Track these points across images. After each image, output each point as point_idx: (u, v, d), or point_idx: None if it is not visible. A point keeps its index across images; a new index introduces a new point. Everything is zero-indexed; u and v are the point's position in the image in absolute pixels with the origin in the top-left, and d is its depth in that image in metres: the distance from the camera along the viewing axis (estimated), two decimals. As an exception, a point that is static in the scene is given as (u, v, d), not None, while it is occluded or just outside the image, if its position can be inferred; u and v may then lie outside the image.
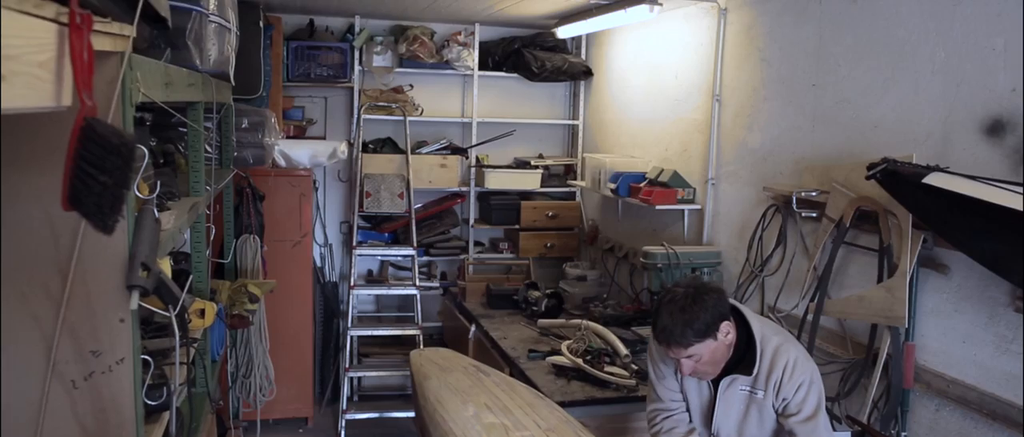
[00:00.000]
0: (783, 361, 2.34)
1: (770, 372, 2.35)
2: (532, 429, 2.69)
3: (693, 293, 2.27)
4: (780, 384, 2.35)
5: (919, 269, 2.75)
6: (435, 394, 2.98)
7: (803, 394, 2.36)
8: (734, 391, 2.43)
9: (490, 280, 5.22)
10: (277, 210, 4.85)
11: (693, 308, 2.23)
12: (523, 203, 5.60)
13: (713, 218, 4.11)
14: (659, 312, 2.30)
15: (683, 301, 2.25)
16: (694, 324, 2.23)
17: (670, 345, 2.29)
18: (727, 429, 2.49)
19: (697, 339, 2.25)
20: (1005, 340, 2.49)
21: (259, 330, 3.76)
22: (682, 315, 2.23)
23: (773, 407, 2.41)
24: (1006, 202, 2.02)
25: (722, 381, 2.44)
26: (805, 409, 2.36)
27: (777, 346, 2.38)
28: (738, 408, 2.44)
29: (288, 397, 5.04)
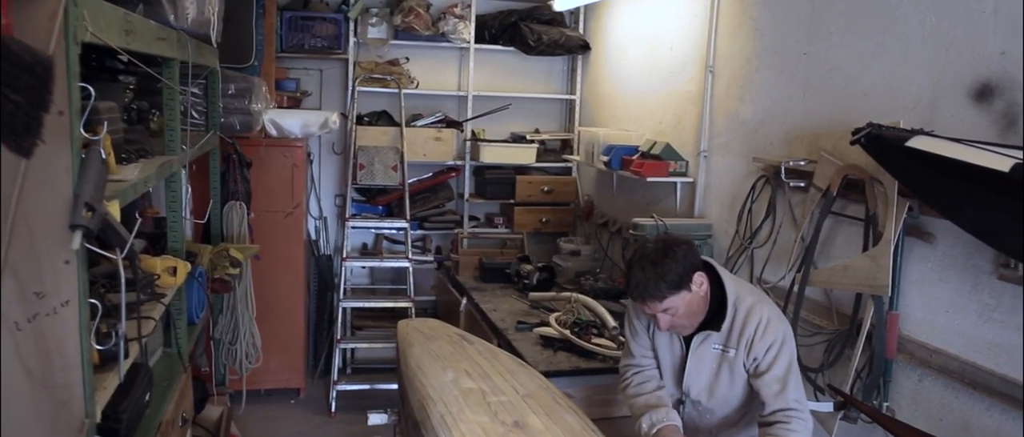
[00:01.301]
0: (756, 319, 2.33)
1: (742, 329, 2.34)
2: (509, 394, 2.67)
3: (662, 247, 2.26)
4: (752, 342, 2.33)
5: (904, 238, 2.71)
6: (416, 360, 2.97)
7: (774, 353, 2.33)
8: (706, 349, 2.42)
9: (483, 254, 5.20)
10: (269, 180, 4.82)
11: (664, 261, 2.22)
12: (518, 177, 5.56)
13: (705, 191, 4.07)
14: (631, 269, 2.29)
15: (653, 255, 2.24)
16: (667, 277, 2.21)
17: (645, 300, 2.27)
18: (698, 387, 2.47)
19: (671, 291, 2.24)
20: (988, 308, 2.44)
21: (245, 297, 3.75)
22: (654, 269, 2.22)
23: (744, 367, 2.38)
24: (989, 164, 1.97)
25: (694, 337, 2.42)
26: (775, 369, 2.33)
27: (751, 305, 2.36)
28: (710, 366, 2.42)
29: (280, 368, 5.05)
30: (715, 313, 2.39)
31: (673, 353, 2.51)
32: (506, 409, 2.53)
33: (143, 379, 2.12)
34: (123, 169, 1.95)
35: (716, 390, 2.43)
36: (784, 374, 2.33)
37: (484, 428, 2.39)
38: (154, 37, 2.10)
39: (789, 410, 2.32)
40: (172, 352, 2.59)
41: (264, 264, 4.80)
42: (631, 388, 2.58)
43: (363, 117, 5.46)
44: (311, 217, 5.64)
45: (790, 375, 2.34)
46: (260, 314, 4.67)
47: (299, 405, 5.09)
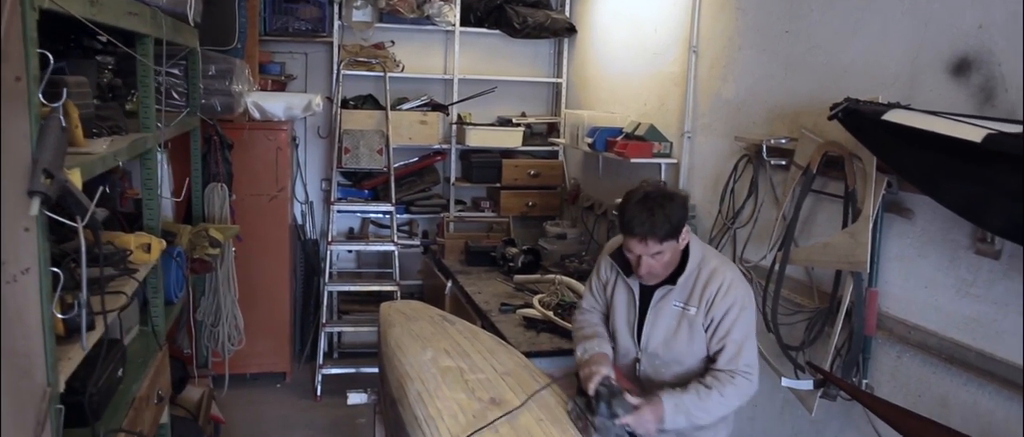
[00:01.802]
0: (719, 280, 2.38)
1: (704, 289, 2.39)
2: (488, 372, 2.66)
3: (664, 193, 2.32)
4: (712, 302, 2.38)
5: (884, 214, 2.70)
6: (396, 340, 2.96)
7: (733, 317, 2.38)
8: (666, 305, 2.46)
9: (469, 238, 5.19)
10: (253, 164, 4.80)
11: (668, 205, 2.27)
12: (504, 161, 5.55)
13: (689, 172, 4.06)
14: (632, 205, 2.30)
15: (659, 198, 2.28)
16: (672, 219, 2.28)
17: (645, 238, 2.28)
18: (655, 342, 2.50)
19: (669, 236, 2.29)
20: (965, 283, 2.44)
21: (227, 279, 3.73)
22: (661, 210, 2.25)
23: (703, 326, 2.42)
24: (961, 134, 1.96)
25: (655, 294, 2.47)
26: (734, 333, 2.38)
27: (715, 267, 2.42)
28: (668, 323, 2.46)
29: (265, 352, 5.04)
30: (678, 271, 2.44)
31: (630, 311, 2.55)
32: (483, 386, 2.53)
33: (115, 354, 2.10)
34: (92, 142, 1.93)
35: (674, 345, 2.46)
36: (740, 339, 2.38)
37: (460, 404, 2.39)
38: (124, 11, 2.07)
39: (738, 372, 2.38)
40: (149, 330, 2.57)
41: (249, 248, 4.79)
42: (576, 324, 2.74)
43: (348, 101, 5.43)
44: (297, 201, 5.62)
45: (747, 341, 2.40)
46: (245, 298, 4.66)
47: (285, 389, 5.08)
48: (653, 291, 2.49)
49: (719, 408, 2.37)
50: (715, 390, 2.35)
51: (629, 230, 2.32)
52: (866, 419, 2.81)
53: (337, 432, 4.47)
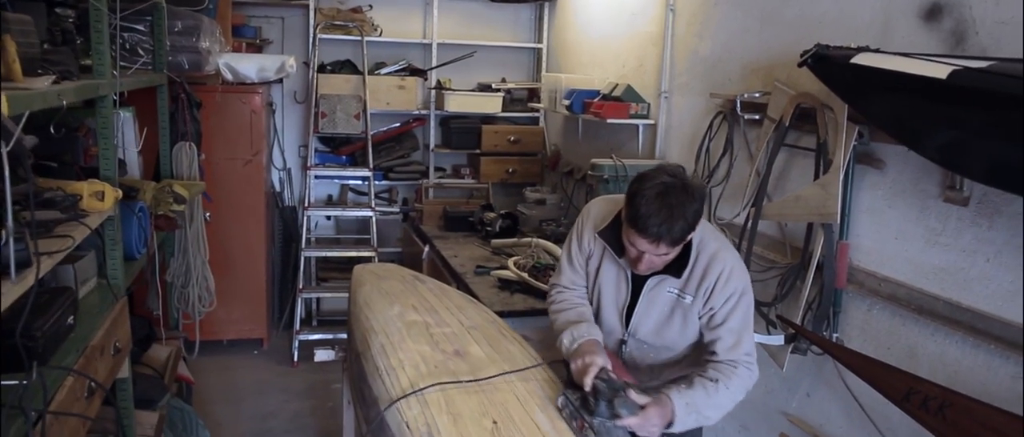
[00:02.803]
0: (718, 268, 2.15)
1: (703, 277, 2.16)
2: (454, 326, 2.63)
3: (684, 186, 1.99)
4: (711, 292, 2.16)
5: (855, 166, 2.67)
6: (365, 298, 2.92)
7: (731, 306, 2.17)
8: (660, 292, 2.24)
9: (448, 204, 5.14)
10: (227, 127, 4.73)
11: (688, 204, 1.98)
12: (484, 127, 5.49)
13: (666, 132, 4.02)
14: (643, 199, 1.97)
15: (679, 194, 1.97)
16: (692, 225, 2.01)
17: (659, 240, 2.00)
18: (646, 329, 2.30)
19: (685, 237, 2.05)
20: (934, 233, 2.41)
21: (197, 240, 3.66)
22: (681, 209, 1.96)
23: (698, 314, 2.22)
24: (927, 72, 1.92)
25: (649, 280, 2.23)
26: (731, 322, 2.17)
27: (714, 252, 2.17)
28: (661, 310, 2.25)
29: (241, 318, 5.00)
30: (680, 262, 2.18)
31: (619, 292, 2.32)
32: (448, 339, 2.49)
33: (65, 302, 2.05)
34: (32, 80, 1.87)
35: (665, 333, 2.27)
36: (739, 328, 2.17)
37: (423, 355, 2.35)
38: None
39: (739, 362, 2.17)
40: (106, 283, 2.52)
41: (224, 213, 4.73)
42: (555, 305, 2.43)
43: (326, 66, 5.35)
44: (275, 168, 5.56)
45: (745, 329, 2.19)
46: (220, 264, 4.61)
47: (261, 356, 5.04)
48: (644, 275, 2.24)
49: (727, 402, 2.14)
50: (722, 383, 2.11)
51: (641, 228, 1.99)
52: (837, 374, 2.79)
53: (312, 396, 4.44)
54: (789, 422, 3.09)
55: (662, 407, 2.03)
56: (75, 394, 1.97)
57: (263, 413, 4.22)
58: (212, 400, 4.29)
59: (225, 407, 4.25)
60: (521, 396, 2.14)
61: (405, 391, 2.12)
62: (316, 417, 4.20)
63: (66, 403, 1.89)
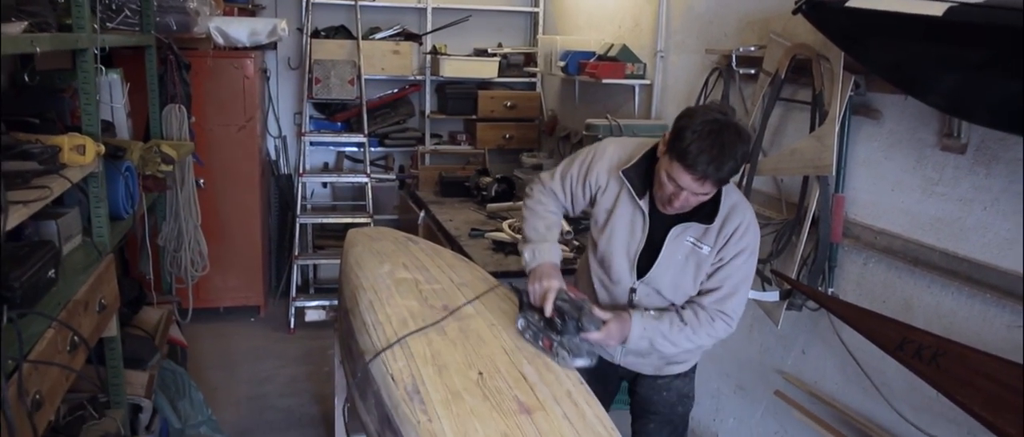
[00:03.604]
0: (737, 220, 2.09)
1: (722, 227, 2.09)
2: (444, 283, 2.60)
3: (733, 123, 1.89)
4: (727, 242, 2.09)
5: (851, 117, 2.62)
6: (356, 257, 2.89)
7: (741, 261, 2.11)
8: (681, 241, 2.13)
9: (444, 170, 5.10)
10: (220, 93, 4.69)
11: (739, 143, 1.88)
12: (480, 93, 5.43)
13: (662, 92, 3.96)
14: (692, 132, 1.87)
15: (731, 131, 1.87)
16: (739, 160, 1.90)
17: (706, 178, 1.90)
18: (664, 280, 2.18)
19: (730, 178, 1.96)
20: (931, 182, 2.37)
21: (189, 203, 3.63)
22: (732, 148, 1.87)
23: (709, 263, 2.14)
24: (922, 11, 1.86)
25: (674, 228, 2.12)
26: (735, 276, 2.12)
27: (735, 203, 2.11)
28: (679, 260, 2.15)
29: (238, 285, 4.99)
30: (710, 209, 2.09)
31: (634, 237, 2.19)
32: (437, 295, 2.46)
33: (46, 254, 2.02)
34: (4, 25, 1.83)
35: (681, 284, 2.18)
36: (737, 283, 2.12)
37: (411, 310, 2.32)
38: None
39: (723, 314, 2.13)
40: (91, 241, 2.49)
41: (219, 180, 4.71)
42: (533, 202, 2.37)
43: (320, 31, 5.29)
44: (270, 136, 5.51)
45: (742, 286, 2.13)
46: (215, 231, 4.59)
47: (258, 323, 5.03)
48: (666, 221, 2.13)
49: (685, 343, 2.13)
50: (689, 327, 2.10)
51: (690, 163, 1.88)
52: (832, 330, 2.76)
53: (308, 361, 4.43)
54: (785, 380, 3.07)
55: (622, 323, 2.10)
56: (57, 346, 1.94)
57: (259, 378, 4.22)
58: (208, 366, 4.29)
59: (221, 372, 4.24)
60: (508, 348, 2.11)
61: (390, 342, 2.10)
62: (311, 382, 4.19)
63: (47, 355, 1.87)
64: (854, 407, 2.74)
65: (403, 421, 1.81)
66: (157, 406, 3.03)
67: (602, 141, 2.34)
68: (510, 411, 1.81)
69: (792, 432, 3.08)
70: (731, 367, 3.46)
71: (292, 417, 3.82)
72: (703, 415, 3.72)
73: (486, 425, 1.75)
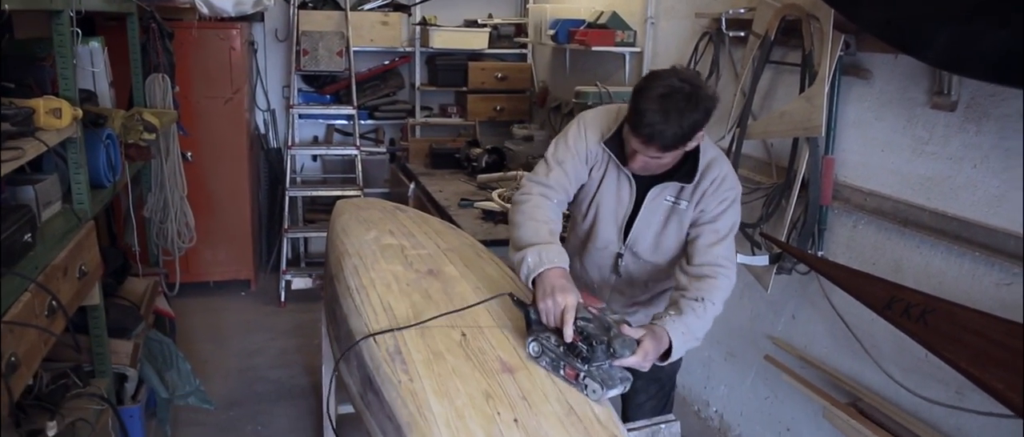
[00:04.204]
0: (715, 173, 2.09)
1: (699, 182, 2.10)
2: (430, 248, 2.57)
3: (691, 92, 1.89)
4: (705, 195, 2.10)
5: (841, 78, 2.59)
6: (343, 226, 2.86)
7: (723, 209, 2.10)
8: (659, 201, 2.16)
9: (434, 141, 5.06)
10: (206, 65, 4.64)
11: (688, 111, 1.88)
12: (471, 64, 5.38)
13: (652, 59, 3.92)
14: (649, 102, 1.89)
15: (682, 101, 1.87)
16: (686, 130, 1.91)
17: (650, 143, 1.94)
18: (645, 240, 2.22)
19: (679, 144, 1.96)
20: (921, 141, 2.34)
21: (174, 174, 3.59)
22: (677, 117, 1.87)
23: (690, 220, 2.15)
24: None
25: (652, 188, 2.15)
26: (719, 224, 2.10)
27: (712, 158, 2.11)
28: (659, 218, 2.18)
29: (227, 259, 4.96)
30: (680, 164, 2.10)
31: (621, 203, 2.21)
32: (423, 260, 2.44)
33: (21, 218, 1.99)
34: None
35: (662, 243, 2.20)
36: (725, 231, 2.09)
37: (396, 275, 2.30)
38: None
39: (718, 265, 2.06)
40: (70, 208, 2.46)
41: (207, 153, 4.67)
42: (528, 205, 2.14)
43: (307, 2, 5.22)
44: (259, 110, 5.46)
45: (729, 235, 2.11)
46: (204, 204, 4.56)
47: (249, 297, 5.01)
48: (648, 184, 2.16)
49: (715, 315, 2.03)
50: (707, 301, 2.00)
51: (635, 126, 1.94)
52: (822, 294, 2.75)
53: (299, 334, 4.41)
54: (775, 345, 3.06)
55: (658, 340, 1.88)
56: (34, 310, 1.91)
57: (249, 350, 4.20)
58: (198, 339, 4.27)
59: (211, 345, 4.22)
60: (493, 311, 2.09)
61: (375, 307, 2.07)
62: (302, 354, 4.18)
63: (23, 318, 1.84)
64: (843, 370, 2.73)
65: (384, 381, 1.78)
66: (144, 376, 3.01)
67: (581, 114, 2.30)
68: (493, 370, 1.79)
69: (783, 397, 3.07)
70: (721, 334, 3.45)
71: (282, 388, 3.80)
72: (694, 383, 3.72)
73: (468, 384, 1.73)
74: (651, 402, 2.47)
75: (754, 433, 3.26)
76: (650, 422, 2.00)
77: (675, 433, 2.01)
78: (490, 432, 1.59)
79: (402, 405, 1.68)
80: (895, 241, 2.47)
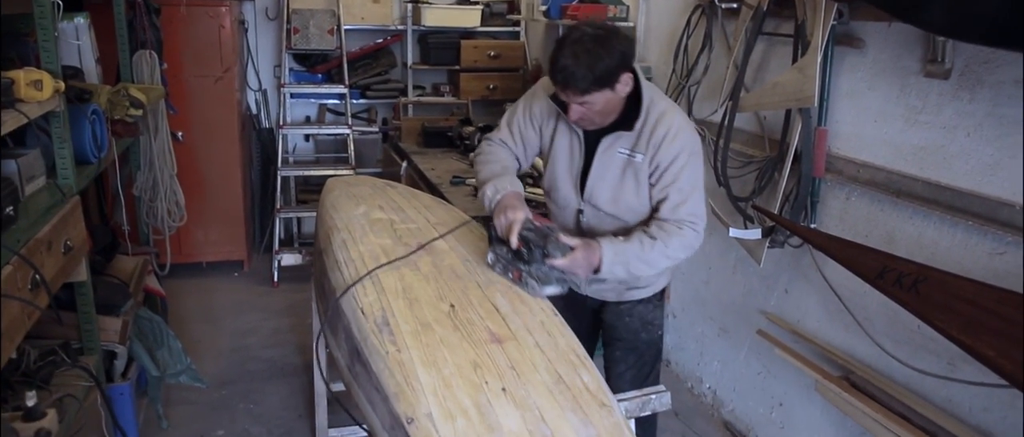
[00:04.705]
0: (666, 125, 2.11)
1: (651, 134, 2.13)
2: (420, 223, 2.55)
3: (602, 35, 2.00)
4: (659, 147, 2.12)
5: (834, 48, 2.56)
6: (333, 201, 2.84)
7: (680, 165, 2.13)
8: (612, 154, 2.21)
9: (426, 120, 5.02)
10: (196, 44, 4.60)
11: (599, 51, 1.98)
12: (463, 42, 5.32)
13: (645, 34, 3.88)
14: (561, 49, 2.01)
15: (590, 43, 1.98)
16: (596, 69, 1.98)
17: (567, 87, 2.04)
18: (602, 193, 2.26)
19: (596, 87, 2.01)
20: (914, 111, 2.32)
21: (163, 152, 3.56)
22: (587, 58, 1.97)
23: (648, 174, 2.18)
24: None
25: (602, 140, 2.21)
26: (680, 181, 2.13)
27: (664, 110, 2.15)
28: (614, 172, 2.22)
29: (220, 240, 4.94)
30: (626, 115, 2.17)
31: (573, 158, 2.29)
32: (412, 234, 2.41)
33: (3, 191, 1.97)
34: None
35: (620, 197, 2.23)
36: (688, 188, 2.14)
37: (384, 248, 2.27)
38: None
39: (684, 221, 2.13)
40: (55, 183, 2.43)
41: (198, 133, 4.64)
42: (482, 156, 2.42)
43: (298, -20, 5.17)
44: (250, 90, 5.42)
45: (694, 191, 2.15)
46: (196, 184, 4.54)
47: (242, 277, 5.00)
48: (599, 138, 2.22)
49: (661, 260, 2.13)
50: (660, 241, 2.10)
51: (552, 75, 2.08)
52: (814, 267, 2.73)
53: (291, 314, 4.40)
54: (768, 320, 3.05)
55: (590, 250, 2.07)
56: (16, 283, 1.89)
57: (242, 330, 4.19)
58: (190, 319, 4.25)
59: (204, 325, 4.21)
60: (482, 282, 2.07)
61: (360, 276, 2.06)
62: (295, 333, 4.16)
63: (5, 290, 1.81)
64: (836, 343, 2.72)
65: (372, 353, 1.77)
66: (134, 354, 2.99)
67: (540, 80, 2.39)
68: (481, 340, 1.78)
69: (776, 372, 3.07)
70: (715, 310, 3.44)
71: (275, 367, 3.79)
72: (687, 360, 3.72)
73: (456, 354, 1.71)
74: (630, 372, 2.50)
75: (747, 409, 3.26)
76: (641, 393, 2.00)
77: (665, 403, 2.01)
78: (478, 401, 1.58)
79: (389, 376, 1.67)
80: (888, 212, 2.45)
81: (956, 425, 2.23)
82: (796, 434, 2.97)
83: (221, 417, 3.34)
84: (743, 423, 3.29)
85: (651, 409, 2.01)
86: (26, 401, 2.02)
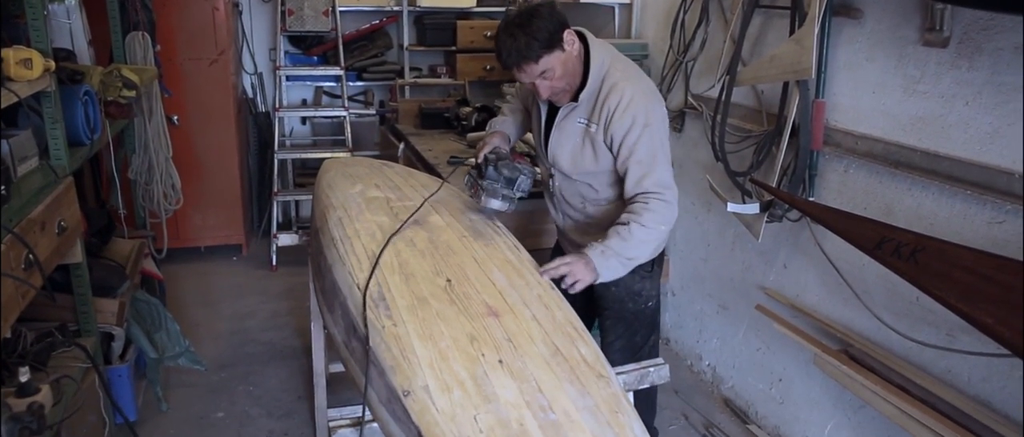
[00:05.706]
0: (617, 96, 2.20)
1: (603, 103, 2.22)
2: (416, 201, 2.53)
3: (527, 10, 2.14)
4: (610, 119, 2.21)
5: (832, 20, 2.53)
6: (329, 181, 2.83)
7: (635, 136, 2.19)
8: (571, 122, 2.33)
9: (424, 102, 5.00)
10: (190, 27, 4.57)
11: (532, 21, 2.11)
12: (459, 23, 5.29)
13: (642, 11, 3.85)
14: (500, 37, 2.17)
15: (519, 19, 2.13)
16: (538, 36, 2.11)
17: (521, 64, 2.16)
18: (563, 160, 2.39)
19: (544, 50, 2.12)
20: (912, 80, 2.30)
21: (158, 135, 3.54)
22: (523, 31, 2.10)
23: (606, 145, 2.26)
24: None
25: (561, 111, 2.35)
26: (638, 152, 2.20)
27: (617, 80, 2.23)
28: (573, 140, 2.33)
29: (218, 224, 4.93)
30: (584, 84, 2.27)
31: (540, 126, 2.46)
32: (408, 211, 2.40)
33: (-2, 174, 1.96)
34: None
35: (579, 164, 2.34)
36: (647, 159, 2.20)
37: (380, 225, 2.26)
38: None
39: (649, 193, 2.20)
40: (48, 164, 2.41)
41: (194, 116, 4.62)
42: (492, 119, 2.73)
43: (291, -39, 5.12)
44: (246, 73, 5.38)
45: (656, 161, 2.20)
46: (193, 168, 4.53)
47: (241, 261, 4.99)
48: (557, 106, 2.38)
49: (647, 238, 2.19)
50: (634, 223, 2.16)
51: (504, 63, 2.22)
52: (813, 240, 2.72)
53: (290, 297, 4.39)
54: (767, 295, 3.04)
55: (584, 259, 2.14)
56: (9, 263, 1.88)
57: (240, 314, 4.18)
58: (189, 303, 4.25)
59: (202, 309, 4.20)
60: (479, 258, 2.06)
61: (359, 257, 2.04)
62: (294, 316, 4.16)
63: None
64: (834, 317, 2.71)
65: (368, 327, 1.76)
66: (132, 336, 2.99)
67: None
68: (477, 314, 1.77)
69: (775, 347, 3.06)
70: (713, 287, 3.44)
71: (273, 349, 3.79)
72: (687, 338, 3.72)
73: (452, 327, 1.71)
74: (619, 341, 2.54)
75: (746, 385, 3.26)
76: (638, 365, 2.00)
77: (664, 376, 2.00)
78: (474, 373, 1.57)
79: (386, 349, 1.66)
80: (886, 184, 2.43)
81: (955, 395, 2.23)
82: (796, 409, 2.97)
83: (220, 399, 3.34)
84: (743, 399, 3.29)
85: (649, 382, 2.01)
86: (19, 377, 2.01)
